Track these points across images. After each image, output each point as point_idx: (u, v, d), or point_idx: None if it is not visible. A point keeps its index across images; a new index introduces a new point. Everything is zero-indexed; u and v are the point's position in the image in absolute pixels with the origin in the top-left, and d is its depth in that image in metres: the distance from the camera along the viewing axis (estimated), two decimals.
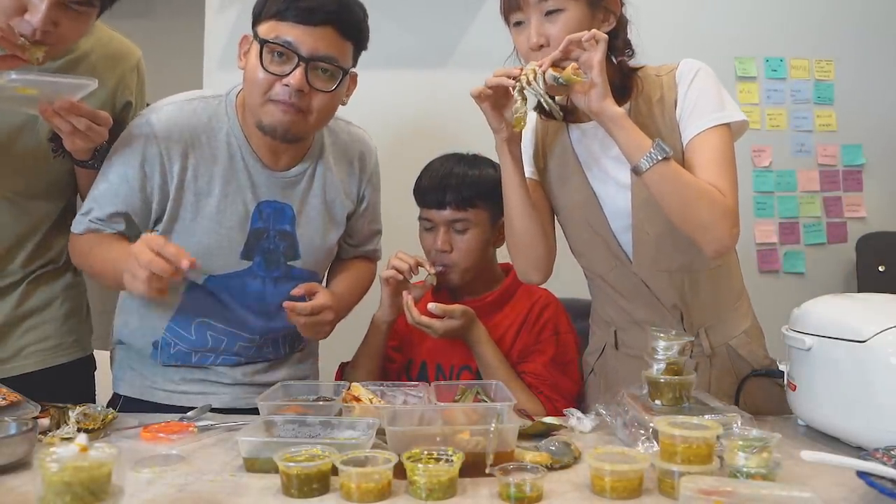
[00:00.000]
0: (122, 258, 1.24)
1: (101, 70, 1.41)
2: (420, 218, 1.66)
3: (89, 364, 1.57)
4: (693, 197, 1.25)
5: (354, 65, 1.41)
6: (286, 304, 1.40)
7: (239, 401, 1.49)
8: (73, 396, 1.32)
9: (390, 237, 1.79)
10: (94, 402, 1.43)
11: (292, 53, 1.30)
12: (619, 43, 1.37)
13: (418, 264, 1.54)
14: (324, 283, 1.59)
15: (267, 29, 1.32)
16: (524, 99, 1.26)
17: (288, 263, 1.49)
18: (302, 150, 1.47)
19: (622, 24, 1.37)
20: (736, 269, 1.51)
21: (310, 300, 1.42)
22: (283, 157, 1.45)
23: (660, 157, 1.22)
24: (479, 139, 1.65)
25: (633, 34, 1.39)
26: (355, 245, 1.65)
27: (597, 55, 1.21)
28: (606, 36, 1.23)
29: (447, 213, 1.59)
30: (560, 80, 1.22)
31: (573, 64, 1.22)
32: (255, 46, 1.33)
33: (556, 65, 1.23)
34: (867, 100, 2.76)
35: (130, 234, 1.41)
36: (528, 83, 1.24)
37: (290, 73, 1.30)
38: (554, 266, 1.50)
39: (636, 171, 1.26)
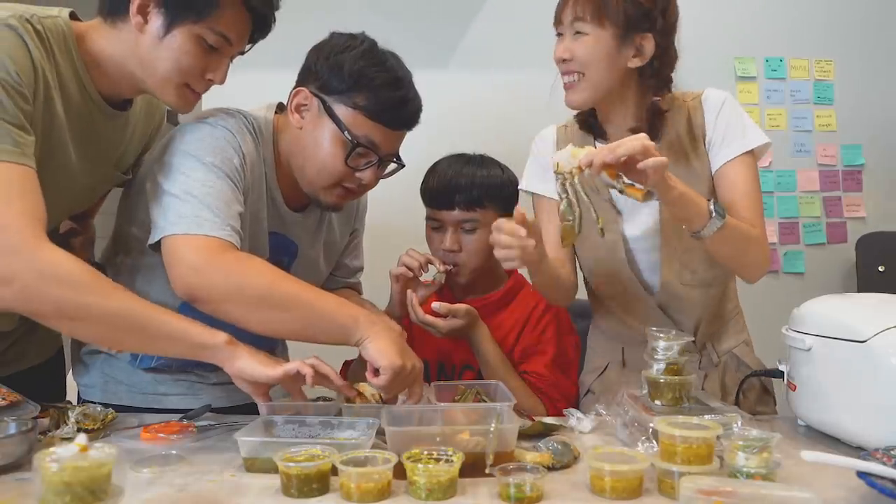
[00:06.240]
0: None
1: (142, 119, 1.41)
2: (427, 218, 1.65)
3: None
4: (744, 246, 1.32)
5: None
6: None
7: (221, 399, 1.43)
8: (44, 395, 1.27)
9: (392, 237, 1.79)
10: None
11: (372, 153, 1.33)
12: (651, 82, 1.38)
13: (428, 261, 1.54)
14: None
15: (355, 121, 1.30)
16: (572, 200, 1.21)
17: None
18: None
19: (665, 61, 1.38)
20: (735, 283, 1.56)
21: None
22: (300, 196, 1.42)
23: (719, 225, 1.24)
24: (480, 139, 1.66)
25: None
26: (341, 277, 1.65)
27: (659, 170, 1.15)
28: (651, 148, 1.15)
29: (456, 214, 1.59)
30: (621, 190, 1.19)
31: (640, 188, 1.18)
32: (336, 133, 1.30)
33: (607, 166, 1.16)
34: (867, 100, 2.76)
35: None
36: (574, 174, 1.19)
37: (364, 168, 1.33)
38: None
39: (695, 237, 1.27)
